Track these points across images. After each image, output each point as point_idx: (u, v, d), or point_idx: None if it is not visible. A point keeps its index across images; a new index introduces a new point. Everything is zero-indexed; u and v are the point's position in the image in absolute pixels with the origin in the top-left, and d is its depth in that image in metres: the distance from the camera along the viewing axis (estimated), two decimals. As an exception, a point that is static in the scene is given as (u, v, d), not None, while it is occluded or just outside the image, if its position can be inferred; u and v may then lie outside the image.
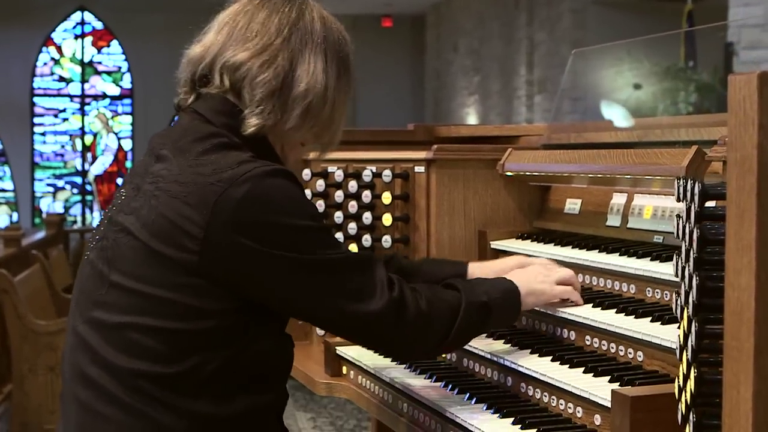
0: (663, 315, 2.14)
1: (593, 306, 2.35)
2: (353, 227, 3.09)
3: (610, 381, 2.04)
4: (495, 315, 2.20)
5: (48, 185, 19.82)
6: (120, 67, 20.01)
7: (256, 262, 1.94)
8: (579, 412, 2.07)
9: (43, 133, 19.75)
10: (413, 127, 3.48)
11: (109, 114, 20.02)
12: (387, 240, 3.03)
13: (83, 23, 19.77)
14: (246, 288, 1.97)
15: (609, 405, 1.88)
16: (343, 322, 2.05)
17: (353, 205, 3.09)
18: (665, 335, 2.03)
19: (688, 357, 1.56)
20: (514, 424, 2.09)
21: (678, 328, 1.73)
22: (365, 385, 2.69)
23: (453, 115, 17.83)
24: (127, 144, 20.04)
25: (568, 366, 2.18)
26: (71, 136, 19.89)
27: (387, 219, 3.06)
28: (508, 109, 15.10)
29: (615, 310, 2.27)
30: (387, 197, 3.06)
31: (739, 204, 1.25)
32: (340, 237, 3.12)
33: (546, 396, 2.19)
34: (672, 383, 1.77)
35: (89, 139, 19.98)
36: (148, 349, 1.94)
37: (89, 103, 20.00)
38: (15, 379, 6.26)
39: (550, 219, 2.95)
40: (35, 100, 19.66)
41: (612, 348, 2.22)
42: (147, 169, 2.06)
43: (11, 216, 19.43)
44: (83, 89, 19.95)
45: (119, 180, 19.88)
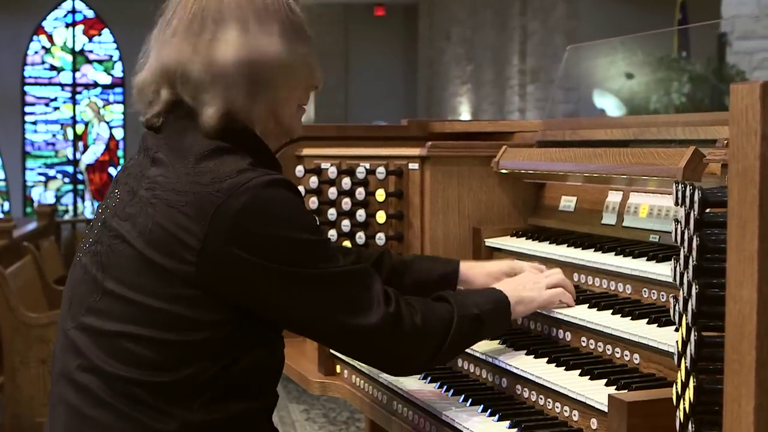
0: (660, 317, 2.12)
1: (589, 306, 2.33)
2: (347, 224, 3.08)
3: (606, 384, 2.03)
4: (486, 326, 2.21)
5: (39, 174, 19.75)
6: (111, 56, 19.93)
7: (253, 273, 1.91)
8: (575, 415, 2.05)
9: (35, 122, 19.67)
10: (407, 123, 3.46)
11: (101, 103, 19.95)
12: (381, 237, 3.01)
13: (74, 11, 19.68)
14: (242, 299, 1.95)
15: (605, 409, 1.87)
16: (340, 336, 2.04)
17: (347, 202, 3.07)
18: (662, 338, 2.01)
19: (686, 365, 1.55)
20: (510, 427, 2.08)
21: (675, 330, 1.72)
22: (359, 385, 2.68)
23: (445, 104, 17.81)
24: (119, 133, 19.96)
25: (564, 368, 2.17)
26: (62, 125, 19.82)
27: (381, 216, 3.04)
28: (500, 99, 15.07)
29: (611, 311, 2.26)
30: (381, 194, 3.04)
31: (741, 215, 1.23)
32: (333, 234, 3.10)
33: (542, 398, 2.17)
34: (669, 387, 1.76)
35: (81, 128, 19.91)
36: (141, 358, 1.92)
37: (80, 92, 19.92)
38: (7, 372, 6.24)
39: (544, 216, 2.94)
40: (26, 89, 19.58)
41: (608, 350, 2.20)
42: (143, 173, 2.03)
43: (2, 205, 19.38)
44: (74, 78, 19.87)
45: (111, 169, 19.83)
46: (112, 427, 1.93)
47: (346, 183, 3.08)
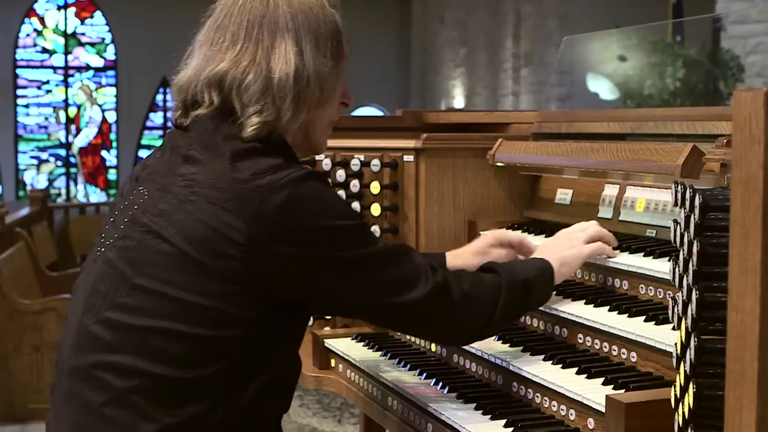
0: (657, 314, 2.10)
1: (585, 303, 2.31)
2: (341, 217, 3.05)
3: (603, 383, 2.01)
4: (533, 293, 2.23)
5: (32, 158, 19.70)
6: (103, 39, 19.85)
7: (300, 265, 1.95)
8: (572, 414, 2.04)
9: (27, 105, 19.60)
10: (401, 113, 3.44)
11: (93, 86, 19.88)
12: (375, 230, 2.99)
13: (66, -6, 19.61)
14: (290, 291, 1.98)
15: (603, 410, 1.86)
16: (393, 313, 2.07)
17: (341, 195, 3.05)
18: (660, 337, 2.00)
19: (686, 370, 1.53)
20: (505, 426, 2.06)
21: (672, 329, 1.70)
22: (354, 380, 2.66)
23: (439, 88, 17.77)
24: (111, 116, 19.90)
25: (560, 366, 2.15)
26: (55, 108, 19.75)
27: (375, 209, 3.02)
28: (494, 82, 15.04)
29: (608, 307, 2.24)
30: (375, 187, 3.02)
31: (744, 224, 1.21)
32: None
33: (538, 397, 2.16)
34: (667, 387, 1.75)
35: (73, 111, 19.84)
36: (168, 354, 1.92)
37: (73, 75, 19.85)
38: (0, 359, 6.23)
39: (540, 209, 2.92)
40: (18, 71, 19.50)
41: (605, 347, 2.19)
42: (174, 170, 2.04)
43: (-5, 189, 19.34)
44: (66, 61, 19.79)
45: (103, 152, 19.78)
46: (127, 426, 1.92)
47: (340, 175, 3.06)
